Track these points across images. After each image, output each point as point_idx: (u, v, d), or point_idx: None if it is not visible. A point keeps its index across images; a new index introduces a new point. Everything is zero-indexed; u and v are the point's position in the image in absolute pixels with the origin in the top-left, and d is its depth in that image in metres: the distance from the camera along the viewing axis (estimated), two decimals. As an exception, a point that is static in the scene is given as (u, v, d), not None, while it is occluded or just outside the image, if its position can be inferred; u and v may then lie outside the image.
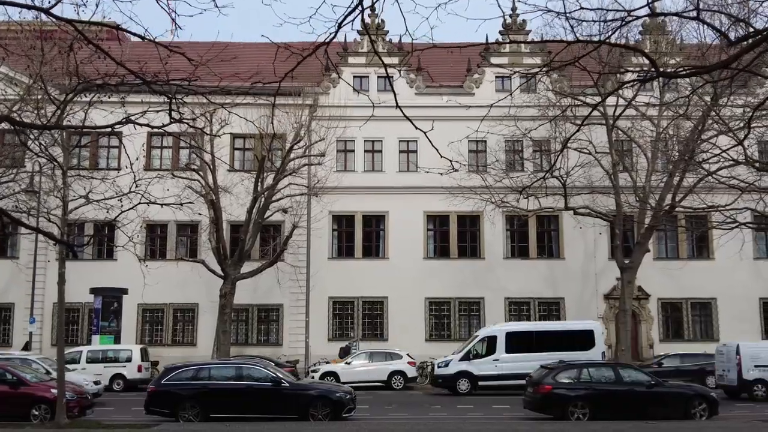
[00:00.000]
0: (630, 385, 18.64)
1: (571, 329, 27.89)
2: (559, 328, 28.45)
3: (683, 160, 28.97)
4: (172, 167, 33.42)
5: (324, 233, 35.26)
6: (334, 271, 34.86)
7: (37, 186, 28.38)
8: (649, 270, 33.20)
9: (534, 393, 18.81)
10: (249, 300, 33.49)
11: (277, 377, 18.57)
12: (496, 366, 26.43)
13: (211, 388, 18.34)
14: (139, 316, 34.38)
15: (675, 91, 30.01)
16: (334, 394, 18.51)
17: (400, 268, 34.67)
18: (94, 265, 34.36)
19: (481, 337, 27.90)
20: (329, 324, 34.95)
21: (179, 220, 33.15)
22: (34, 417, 17.69)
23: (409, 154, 35.93)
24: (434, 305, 35.19)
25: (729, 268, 34.26)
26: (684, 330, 35.26)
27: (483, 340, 27.60)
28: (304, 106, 32.59)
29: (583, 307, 34.83)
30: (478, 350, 27.26)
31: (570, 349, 25.64)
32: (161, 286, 31.72)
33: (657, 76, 7.44)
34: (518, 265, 35.36)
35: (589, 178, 32.48)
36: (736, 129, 22.11)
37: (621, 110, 28.46)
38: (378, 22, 33.85)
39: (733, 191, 27.93)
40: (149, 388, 18.73)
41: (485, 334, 28.09)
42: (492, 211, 32.98)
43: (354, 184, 35.36)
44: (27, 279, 33.46)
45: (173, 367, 19.36)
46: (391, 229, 35.66)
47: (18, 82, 28.25)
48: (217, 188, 30.48)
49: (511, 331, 27.51)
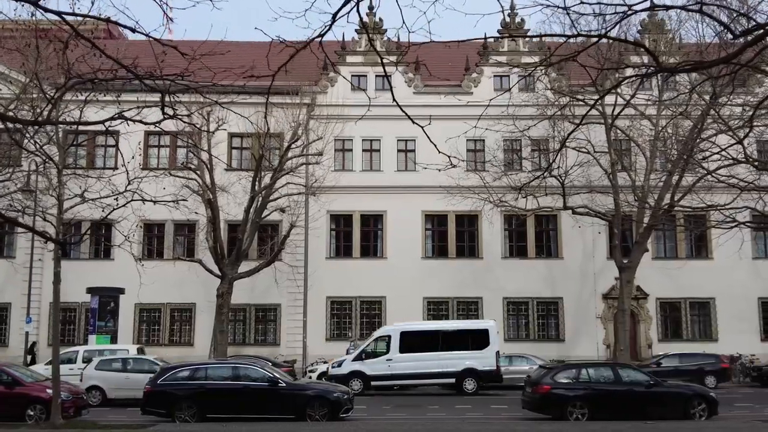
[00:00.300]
0: (629, 385, 18.51)
1: (466, 328, 27.57)
2: (455, 328, 27.98)
3: (682, 159, 28.91)
4: (170, 166, 33.30)
5: (322, 233, 35.16)
6: (331, 271, 34.76)
7: (34, 185, 28.25)
8: (647, 270, 33.14)
9: (532, 393, 18.69)
10: (246, 300, 33.39)
11: (273, 377, 18.45)
12: (389, 366, 26.08)
13: (207, 388, 18.20)
14: (136, 316, 34.26)
15: (674, 90, 29.95)
16: (332, 394, 18.40)
17: (398, 268, 34.57)
18: (91, 265, 34.27)
19: (375, 337, 27.68)
20: (327, 324, 34.84)
21: (176, 219, 33.04)
22: (30, 417, 17.55)
23: (408, 153, 35.86)
24: (432, 305, 35.10)
25: (728, 267, 34.22)
26: (682, 330, 35.20)
27: (378, 340, 27.30)
28: (301, 105, 32.49)
29: (581, 306, 34.80)
30: (373, 350, 26.91)
31: (465, 348, 25.72)
32: (158, 285, 31.58)
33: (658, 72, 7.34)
34: (516, 265, 35.28)
35: (588, 177, 32.40)
36: (736, 128, 22.02)
37: (620, 109, 28.41)
38: (375, 21, 33.75)
39: (732, 191, 27.86)
40: (145, 388, 18.57)
41: (380, 333, 27.85)
42: (490, 211, 32.90)
43: (352, 183, 35.28)
44: (24, 279, 33.31)
45: (169, 367, 19.25)
46: (389, 229, 35.57)
47: (14, 81, 28.15)
48: (215, 187, 30.35)
49: (406, 331, 27.13)
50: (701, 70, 9.12)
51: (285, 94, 31.27)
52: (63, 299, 30.71)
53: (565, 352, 32.99)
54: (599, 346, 34.43)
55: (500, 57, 35.37)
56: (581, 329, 34.61)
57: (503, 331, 34.50)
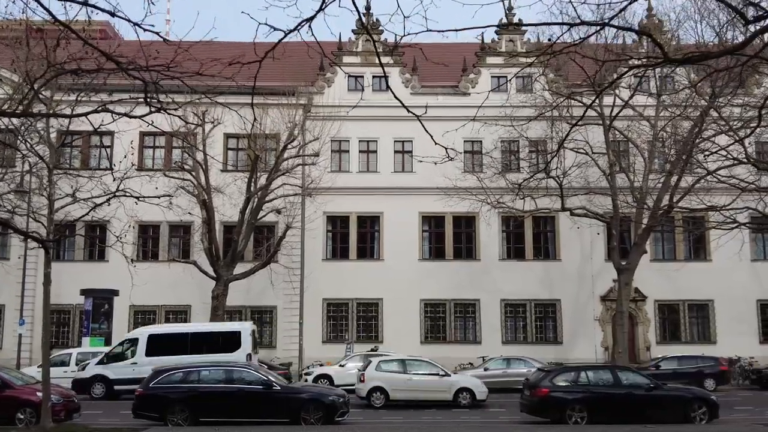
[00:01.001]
0: (629, 388, 18.30)
1: (217, 331, 27.07)
2: (206, 330, 27.36)
3: (681, 160, 28.74)
4: (165, 167, 33.05)
5: (318, 234, 34.94)
6: (328, 273, 34.51)
7: (27, 186, 28.00)
8: (645, 271, 32.95)
9: (531, 396, 18.48)
10: (242, 301, 33.13)
11: (268, 380, 18.20)
12: (134, 370, 25.10)
13: (200, 391, 17.95)
14: (131, 318, 33.94)
15: (673, 90, 29.78)
16: (327, 398, 18.14)
17: (395, 270, 34.35)
18: (85, 266, 34.03)
19: (122, 341, 27.24)
20: (323, 326, 34.59)
21: (171, 221, 32.75)
22: (20, 420, 17.28)
23: (404, 154, 35.66)
24: (429, 307, 34.86)
25: (726, 269, 34.05)
26: (681, 332, 35.00)
27: (126, 343, 26.80)
28: (298, 106, 32.29)
29: (579, 308, 34.59)
30: (120, 353, 26.36)
31: (216, 351, 25.17)
32: (153, 287, 31.40)
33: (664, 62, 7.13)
34: (514, 267, 35.07)
35: (586, 178, 32.21)
36: (737, 128, 21.84)
37: (618, 110, 28.24)
38: (373, 21, 33.56)
39: (731, 192, 27.73)
40: (137, 391, 18.33)
41: (128, 336, 27.36)
42: (488, 212, 32.69)
43: (348, 184, 35.07)
44: (17, 280, 33.02)
45: (162, 370, 18.98)
46: (386, 230, 35.35)
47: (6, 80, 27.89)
48: (210, 188, 30.12)
49: (154, 334, 26.53)
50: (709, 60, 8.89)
51: (281, 94, 31.13)
52: (57, 301, 30.55)
53: (562, 354, 32.79)
54: (597, 349, 34.21)
55: (497, 58, 35.26)
56: (579, 331, 34.40)
57: (501, 333, 34.37)
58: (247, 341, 26.08)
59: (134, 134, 26.79)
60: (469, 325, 34.83)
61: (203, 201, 29.84)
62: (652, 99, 30.69)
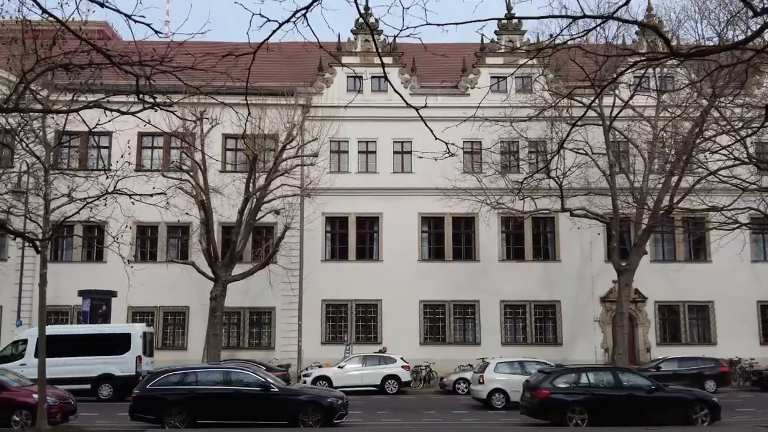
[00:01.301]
0: (629, 389, 18.17)
1: (107, 332, 27.01)
2: (95, 332, 27.21)
3: (681, 160, 28.60)
4: (163, 167, 32.90)
5: (317, 235, 34.80)
6: (327, 274, 34.37)
7: (24, 186, 27.85)
8: (646, 272, 32.82)
9: (531, 398, 18.34)
10: (240, 303, 32.98)
11: (266, 382, 18.04)
12: (23, 371, 24.21)
13: (198, 393, 17.79)
14: (129, 319, 33.69)
15: (673, 90, 29.65)
16: (325, 400, 17.98)
17: (394, 271, 34.21)
18: (83, 267, 33.91)
19: (12, 341, 26.94)
20: (322, 327, 34.44)
21: (169, 221, 32.60)
22: (15, 423, 17.21)
23: (404, 155, 35.53)
24: (429, 308, 34.72)
25: (727, 270, 33.92)
26: (681, 333, 34.87)
27: (17, 344, 26.51)
28: (296, 106, 32.15)
29: (579, 310, 34.46)
30: (10, 354, 26.07)
31: (106, 353, 25.20)
32: (151, 288, 31.29)
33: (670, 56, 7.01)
34: (514, 268, 34.93)
35: (586, 179, 32.09)
36: (738, 128, 21.69)
37: (618, 110, 28.10)
38: (372, 21, 33.39)
39: (731, 192, 27.61)
40: (134, 393, 18.18)
41: (19, 337, 27.14)
42: (487, 213, 32.55)
43: (347, 185, 34.94)
44: (15, 281, 32.93)
45: (159, 372, 18.83)
46: (385, 231, 35.21)
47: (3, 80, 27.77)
48: (208, 189, 29.97)
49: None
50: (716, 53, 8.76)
51: (280, 94, 31.01)
52: (54, 302, 30.46)
53: (562, 355, 32.59)
54: (597, 350, 34.08)
55: (497, 58, 35.13)
56: (579, 333, 34.27)
57: (501, 334, 34.24)
58: (138, 343, 26.26)
59: (132, 134, 26.70)
60: (469, 326, 34.69)
61: (201, 201, 29.68)
62: (652, 99, 30.55)
